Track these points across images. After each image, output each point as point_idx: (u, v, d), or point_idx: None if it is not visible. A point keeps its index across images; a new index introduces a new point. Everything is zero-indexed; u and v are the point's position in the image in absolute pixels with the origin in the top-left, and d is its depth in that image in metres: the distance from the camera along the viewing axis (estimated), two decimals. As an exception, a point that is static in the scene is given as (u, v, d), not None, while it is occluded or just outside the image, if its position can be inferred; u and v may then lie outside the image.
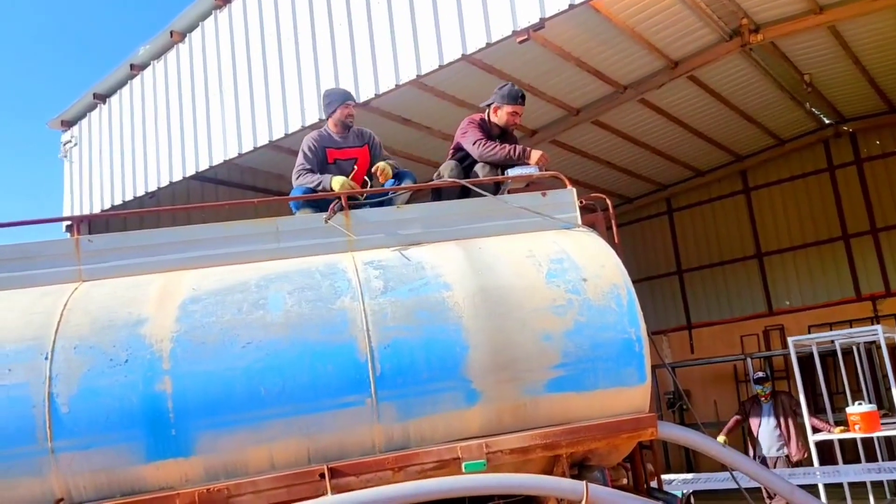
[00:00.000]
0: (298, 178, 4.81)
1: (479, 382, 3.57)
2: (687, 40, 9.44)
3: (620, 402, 3.73)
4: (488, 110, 5.31)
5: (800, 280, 13.45)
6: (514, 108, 5.19)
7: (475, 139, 5.02)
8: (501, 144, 5.05)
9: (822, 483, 7.49)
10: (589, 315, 3.71)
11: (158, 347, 3.44)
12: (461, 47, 7.04)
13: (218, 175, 9.77)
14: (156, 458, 3.33)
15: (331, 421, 3.47)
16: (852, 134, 12.98)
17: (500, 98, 5.21)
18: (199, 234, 4.12)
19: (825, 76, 10.96)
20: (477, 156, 5.03)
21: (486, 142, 5.02)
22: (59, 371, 3.33)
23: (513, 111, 5.19)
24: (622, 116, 11.17)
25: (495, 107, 5.25)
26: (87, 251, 3.98)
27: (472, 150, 5.05)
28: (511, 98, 5.18)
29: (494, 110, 5.26)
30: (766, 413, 8.61)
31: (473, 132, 5.08)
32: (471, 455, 3.50)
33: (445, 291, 3.73)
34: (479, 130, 5.10)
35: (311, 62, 7.80)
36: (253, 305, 3.64)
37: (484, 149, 4.99)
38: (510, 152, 4.97)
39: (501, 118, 5.23)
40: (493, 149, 4.99)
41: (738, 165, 13.98)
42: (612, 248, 4.11)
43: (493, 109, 5.27)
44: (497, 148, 4.99)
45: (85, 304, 3.63)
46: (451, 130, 9.97)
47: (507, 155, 4.97)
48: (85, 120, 9.69)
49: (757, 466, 4.02)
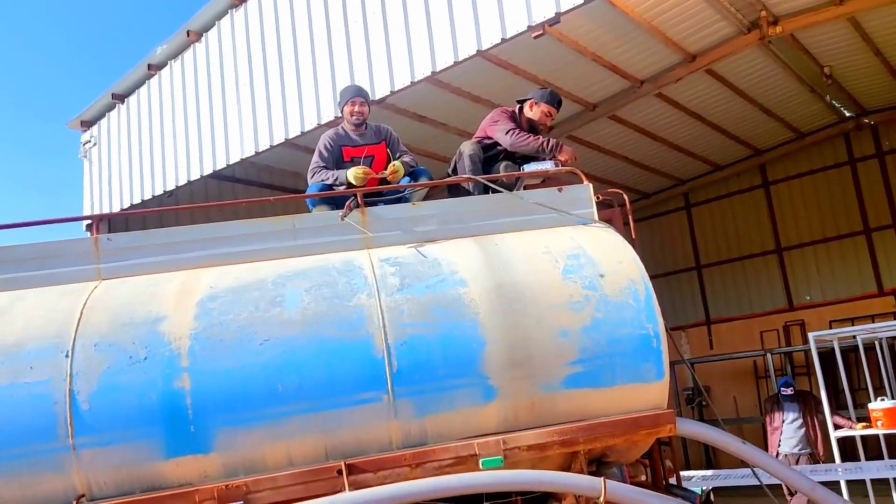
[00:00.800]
0: (314, 176, 4.83)
1: (496, 379, 3.56)
2: (704, 33, 9.35)
3: (638, 399, 3.70)
4: (523, 105, 5.45)
5: (821, 275, 13.31)
6: (550, 108, 5.38)
7: (508, 128, 5.13)
8: (536, 137, 5.16)
9: (844, 480, 7.40)
10: (606, 311, 3.69)
11: (177, 345, 3.47)
12: (476, 43, 7.01)
13: (235, 174, 9.82)
14: (175, 454, 3.36)
15: (348, 417, 3.48)
16: (874, 126, 12.81)
17: (541, 96, 5.40)
18: (217, 233, 4.14)
19: (845, 68, 10.82)
20: (509, 144, 5.11)
21: (520, 132, 5.13)
22: (79, 369, 3.37)
23: (548, 111, 5.37)
24: (639, 111, 11.10)
25: (532, 102, 5.41)
26: (107, 250, 4.01)
27: (504, 139, 5.12)
28: (551, 99, 5.40)
29: (531, 105, 5.41)
30: (790, 411, 8.53)
31: (505, 122, 5.20)
32: (488, 452, 3.49)
33: (462, 288, 3.72)
34: (510, 121, 5.22)
35: (326, 60, 7.81)
36: (270, 303, 3.66)
37: (517, 138, 5.09)
38: (543, 144, 5.07)
39: (536, 114, 5.37)
40: (527, 139, 5.11)
41: (757, 159, 13.85)
42: (629, 243, 4.08)
43: (529, 104, 5.42)
44: (531, 139, 5.10)
45: (105, 302, 3.67)
46: (466, 127, 10.08)
47: (541, 146, 5.07)
48: (104, 120, 9.78)
49: (777, 463, 3.98)
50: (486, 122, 5.34)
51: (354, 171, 4.64)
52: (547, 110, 5.35)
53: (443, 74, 7.87)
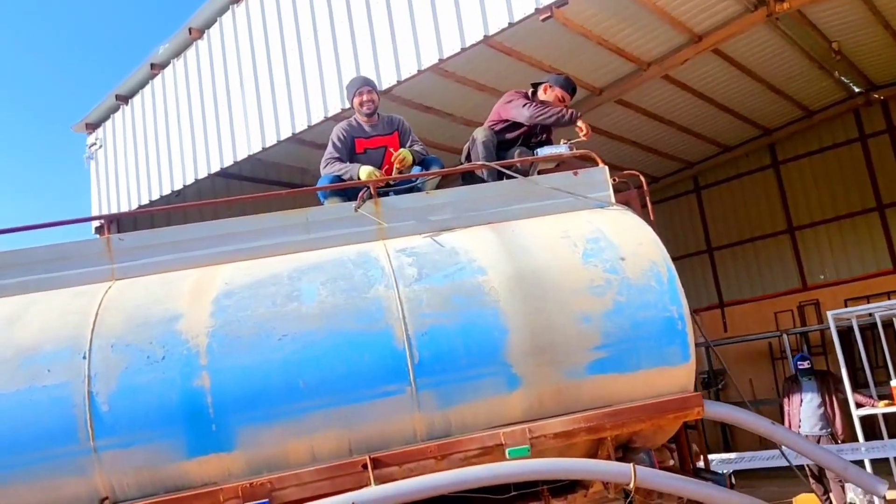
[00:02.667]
0: (326, 167, 4.76)
1: (520, 367, 3.51)
2: (710, 12, 9.21)
3: (664, 382, 3.65)
4: (536, 89, 5.45)
5: (834, 253, 13.16)
6: (564, 93, 5.37)
7: (524, 103, 5.15)
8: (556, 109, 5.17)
9: (868, 459, 7.32)
10: (628, 294, 3.63)
11: (195, 343, 3.43)
12: (483, 29, 6.91)
13: (242, 171, 9.74)
14: (198, 453, 3.32)
15: (370, 411, 3.43)
16: (884, 101, 12.62)
17: (555, 80, 5.42)
18: (229, 229, 4.09)
19: (854, 43, 10.66)
20: (527, 117, 5.13)
21: (537, 103, 5.15)
22: (97, 370, 3.33)
23: (562, 96, 5.36)
24: (646, 94, 10.96)
25: (547, 86, 5.41)
26: (119, 250, 3.97)
27: (522, 112, 5.14)
28: (566, 83, 5.41)
29: (545, 88, 5.41)
30: (808, 390, 8.44)
31: (520, 99, 5.22)
32: (514, 441, 3.44)
33: (481, 276, 3.67)
34: (526, 97, 5.25)
35: (330, 52, 7.72)
36: (286, 298, 3.61)
37: (535, 109, 5.11)
38: (562, 114, 5.10)
39: (550, 97, 5.36)
40: (547, 109, 5.13)
41: (766, 139, 13.68)
42: (648, 225, 4.01)
43: (544, 87, 5.42)
44: (551, 108, 5.13)
45: (119, 302, 3.63)
46: (472, 116, 9.99)
47: (560, 116, 5.10)
48: (108, 122, 9.73)
49: (808, 443, 3.91)
50: (500, 104, 5.32)
51: (368, 172, 4.55)
52: (561, 95, 5.33)
53: (448, 63, 7.78)
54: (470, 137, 5.15)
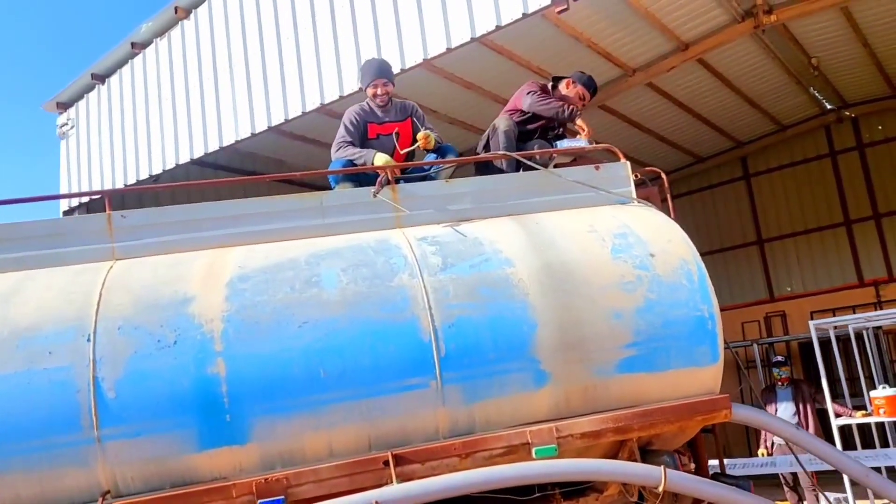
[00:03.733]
0: (339, 151, 4.56)
1: (548, 363, 3.38)
2: (700, 21, 9.29)
3: (693, 383, 3.56)
4: (558, 83, 5.42)
5: (801, 266, 13.43)
6: (585, 91, 5.35)
7: (532, 90, 5.14)
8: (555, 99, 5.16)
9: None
10: (660, 292, 3.54)
11: (209, 328, 3.20)
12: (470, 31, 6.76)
13: (218, 160, 9.44)
14: (209, 446, 3.10)
15: (393, 405, 3.26)
16: (854, 119, 12.95)
17: (579, 78, 5.40)
18: (239, 210, 3.87)
19: (833, 59, 10.89)
20: (527, 105, 5.10)
21: (541, 94, 5.13)
22: (103, 353, 3.09)
23: (583, 94, 5.34)
24: (628, 101, 11.02)
25: (570, 80, 5.39)
26: (121, 228, 3.72)
27: (525, 100, 5.12)
28: (588, 82, 5.40)
29: (568, 83, 5.38)
30: (784, 399, 8.53)
31: (531, 88, 5.18)
32: (541, 440, 3.31)
33: (508, 268, 3.53)
34: (539, 86, 5.21)
35: (330, 39, 7.51)
36: (306, 283, 3.41)
37: (536, 99, 5.09)
38: (561, 109, 5.09)
39: (571, 92, 5.33)
40: (547, 101, 5.12)
41: (738, 151, 13.91)
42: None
43: (567, 82, 5.39)
44: (552, 101, 5.12)
45: (124, 282, 3.38)
46: (458, 115, 9.88)
47: (558, 111, 5.09)
48: (82, 101, 9.30)
49: (832, 449, 3.87)
50: (517, 93, 5.24)
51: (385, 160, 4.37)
52: (582, 93, 5.31)
53: (436, 60, 7.65)
54: (490, 125, 5.03)
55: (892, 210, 12.59)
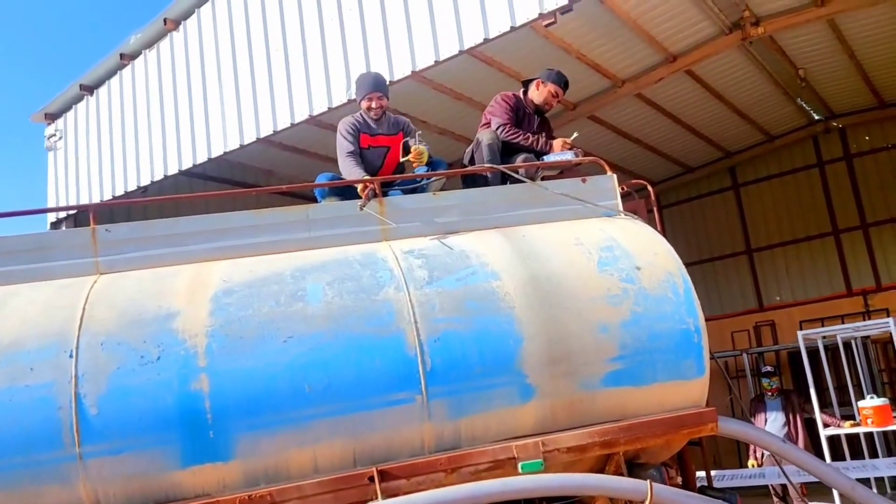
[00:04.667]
0: (343, 162, 4.54)
1: (534, 377, 3.38)
2: (687, 33, 9.35)
3: (679, 397, 3.56)
4: (530, 86, 5.37)
5: (790, 276, 13.47)
6: (556, 88, 5.28)
7: (501, 123, 5.05)
8: (525, 134, 5.07)
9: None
10: (645, 305, 3.54)
11: (193, 343, 3.19)
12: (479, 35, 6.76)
13: (207, 171, 9.41)
14: (192, 462, 3.08)
15: (379, 420, 3.25)
16: (842, 129, 13.03)
17: (547, 76, 5.32)
18: (224, 223, 3.86)
19: (820, 71, 10.97)
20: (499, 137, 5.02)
21: (510, 128, 5.05)
22: (85, 369, 3.06)
23: (554, 91, 5.28)
24: (618, 112, 11.06)
25: (539, 82, 5.34)
26: (105, 241, 3.69)
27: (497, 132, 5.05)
28: (557, 79, 5.30)
29: (537, 85, 5.34)
30: (773, 409, 8.53)
31: (501, 114, 5.11)
32: (527, 454, 3.30)
33: (494, 281, 3.52)
34: (507, 112, 5.13)
35: (318, 51, 7.51)
36: (291, 297, 3.40)
37: (507, 134, 5.02)
38: (533, 143, 5.02)
39: (542, 93, 5.30)
40: (516, 136, 5.04)
41: (727, 162, 13.97)
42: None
43: (535, 84, 5.35)
44: (520, 136, 5.04)
45: (108, 297, 3.36)
46: (447, 125, 9.90)
47: (530, 145, 5.02)
48: (70, 112, 9.25)
49: (818, 462, 3.88)
50: (488, 108, 5.21)
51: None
52: (553, 90, 5.26)
53: (426, 71, 7.66)
54: (474, 139, 5.03)
55: (879, 220, 12.66)
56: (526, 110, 5.25)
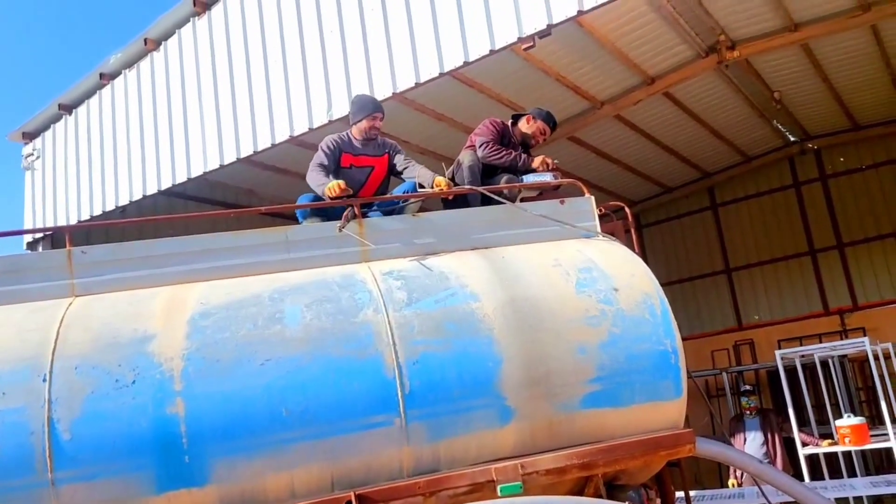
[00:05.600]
0: (310, 174, 4.54)
1: (513, 399, 3.38)
2: (665, 56, 9.49)
3: (656, 418, 3.57)
4: (520, 119, 5.54)
5: (768, 295, 13.60)
6: (545, 127, 5.47)
7: (484, 141, 5.14)
8: (507, 150, 5.18)
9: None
10: (623, 326, 3.56)
11: (168, 366, 3.16)
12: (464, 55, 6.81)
13: (187, 190, 9.37)
14: (167, 488, 3.04)
15: (357, 443, 3.23)
16: (817, 151, 13.25)
17: (538, 114, 5.54)
18: (202, 245, 3.84)
19: (794, 93, 11.17)
20: (480, 157, 5.13)
21: (493, 145, 5.14)
22: (59, 394, 3.02)
23: (543, 129, 5.47)
24: (597, 133, 11.17)
25: (530, 116, 5.52)
26: (81, 264, 3.66)
27: (478, 151, 5.15)
28: (547, 118, 5.52)
29: (528, 119, 5.51)
30: (752, 428, 8.57)
31: (485, 134, 5.19)
32: (506, 477, 3.28)
33: (474, 302, 3.53)
34: (492, 133, 5.21)
35: (300, 71, 7.53)
36: (269, 320, 3.38)
37: (488, 151, 5.11)
38: (514, 159, 5.12)
39: (532, 128, 5.47)
40: (499, 153, 5.13)
41: (705, 182, 14.13)
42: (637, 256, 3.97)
43: (527, 118, 5.52)
44: (503, 153, 5.13)
45: (83, 320, 3.32)
46: (433, 146, 9.94)
47: (511, 162, 5.11)
48: (49, 132, 9.19)
49: (796, 483, 3.90)
50: (475, 131, 5.26)
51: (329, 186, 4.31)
52: (542, 128, 5.43)
53: (407, 93, 7.69)
54: (455, 160, 5.06)
55: (854, 240, 12.84)
56: (512, 139, 5.36)
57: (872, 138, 12.78)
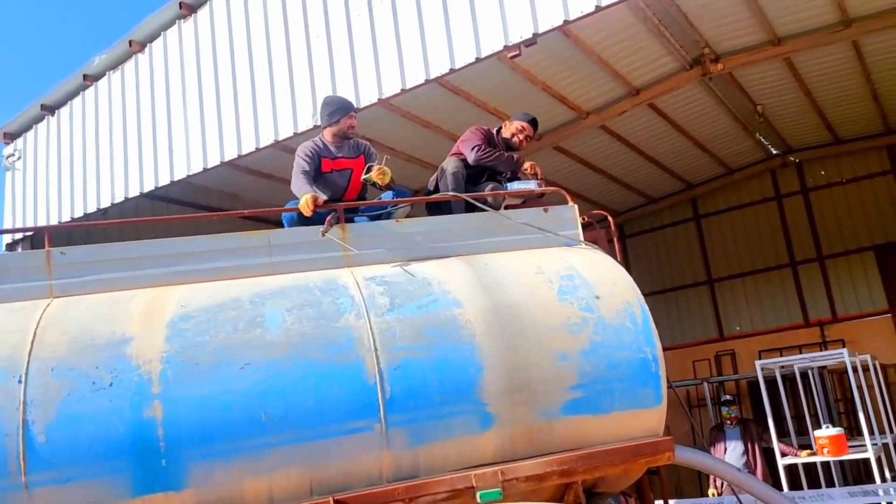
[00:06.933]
0: (294, 183, 4.52)
1: (494, 405, 3.38)
2: (650, 68, 9.57)
3: (636, 425, 3.59)
4: (500, 126, 5.53)
5: (749, 306, 13.71)
6: (523, 125, 5.41)
7: (474, 144, 5.14)
8: (500, 152, 5.20)
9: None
10: (604, 334, 3.57)
11: (147, 369, 3.13)
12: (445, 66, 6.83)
13: (170, 193, 9.30)
14: (144, 492, 3.01)
15: (336, 448, 3.21)
16: (798, 164, 13.40)
17: (515, 116, 5.52)
18: (183, 248, 3.82)
19: (777, 107, 11.29)
20: (472, 160, 5.11)
21: (485, 147, 5.15)
22: (34, 396, 2.98)
23: (521, 127, 5.41)
24: (582, 143, 11.23)
25: (506, 122, 5.51)
26: (60, 265, 3.62)
27: (469, 155, 5.13)
28: (523, 116, 5.48)
29: (505, 124, 5.50)
30: (732, 438, 8.62)
31: (474, 139, 5.20)
32: (486, 484, 3.28)
33: (456, 308, 3.53)
34: (480, 138, 5.23)
35: (285, 76, 7.52)
36: (249, 323, 3.36)
37: (481, 153, 5.11)
38: (508, 160, 5.16)
39: (510, 129, 5.42)
40: (490, 153, 5.14)
41: (688, 193, 14.24)
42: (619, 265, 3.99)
43: (504, 123, 5.52)
44: (494, 153, 5.15)
45: (61, 322, 3.29)
46: (419, 154, 9.94)
47: (504, 161, 5.15)
48: (31, 132, 9.10)
49: (774, 493, 3.92)
50: (461, 138, 5.28)
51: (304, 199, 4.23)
52: (520, 126, 5.39)
53: (394, 99, 7.69)
54: (439, 167, 5.07)
55: (834, 252, 12.98)
56: (498, 146, 5.35)
57: (853, 152, 12.94)
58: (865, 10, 8.42)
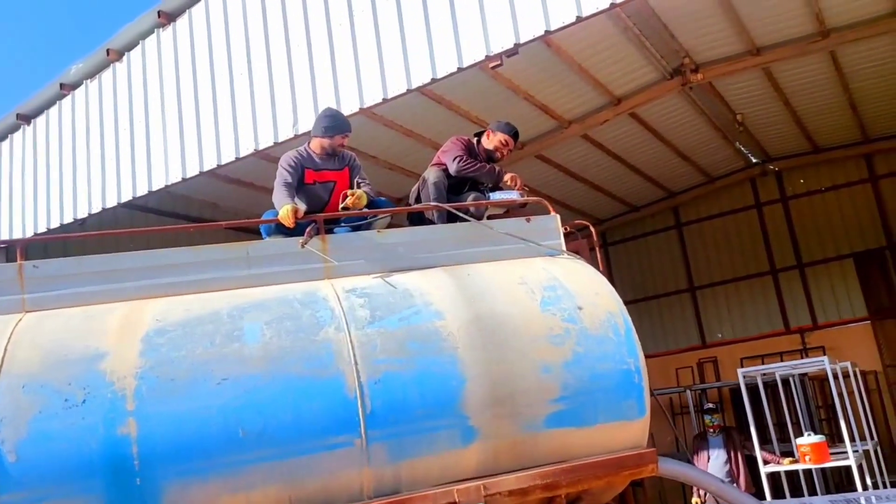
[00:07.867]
0: (276, 193, 4.45)
1: (477, 419, 3.33)
2: (631, 77, 9.62)
3: (620, 437, 3.56)
4: (480, 136, 5.47)
5: (731, 313, 13.79)
6: (506, 138, 5.36)
7: (455, 155, 5.10)
8: (481, 163, 5.16)
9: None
10: (587, 345, 3.55)
11: (121, 385, 3.05)
12: (427, 75, 6.81)
13: (149, 203, 9.19)
14: (117, 512, 2.92)
15: (316, 465, 3.15)
16: (778, 173, 13.52)
17: (497, 126, 5.43)
18: (160, 260, 3.75)
19: (756, 116, 11.39)
20: (454, 171, 5.08)
21: (466, 158, 5.11)
22: (5, 413, 2.90)
23: (504, 140, 5.36)
24: (564, 151, 11.26)
25: (489, 132, 5.42)
26: (32, 278, 3.54)
27: (451, 166, 5.10)
28: (506, 128, 5.40)
29: (488, 134, 5.42)
30: (715, 446, 8.63)
31: (455, 150, 5.16)
32: (468, 498, 3.24)
33: (438, 320, 3.49)
34: (461, 149, 5.19)
35: (266, 84, 7.46)
36: (227, 337, 3.30)
37: (462, 164, 5.08)
38: (489, 171, 5.12)
39: (492, 142, 5.36)
40: (473, 165, 5.11)
41: (670, 201, 14.33)
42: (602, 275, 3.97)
43: (486, 133, 5.44)
44: (476, 165, 5.12)
45: (32, 336, 3.21)
46: (401, 162, 9.92)
47: (487, 172, 5.12)
48: (6, 142, 8.97)
49: (754, 502, 3.91)
50: (441, 149, 5.24)
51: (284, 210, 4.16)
52: (504, 139, 5.33)
53: (375, 108, 7.66)
54: (420, 178, 5.03)
55: (814, 260, 13.09)
56: (479, 156, 5.31)
57: (832, 161, 13.08)
58: (842, 20, 8.53)
